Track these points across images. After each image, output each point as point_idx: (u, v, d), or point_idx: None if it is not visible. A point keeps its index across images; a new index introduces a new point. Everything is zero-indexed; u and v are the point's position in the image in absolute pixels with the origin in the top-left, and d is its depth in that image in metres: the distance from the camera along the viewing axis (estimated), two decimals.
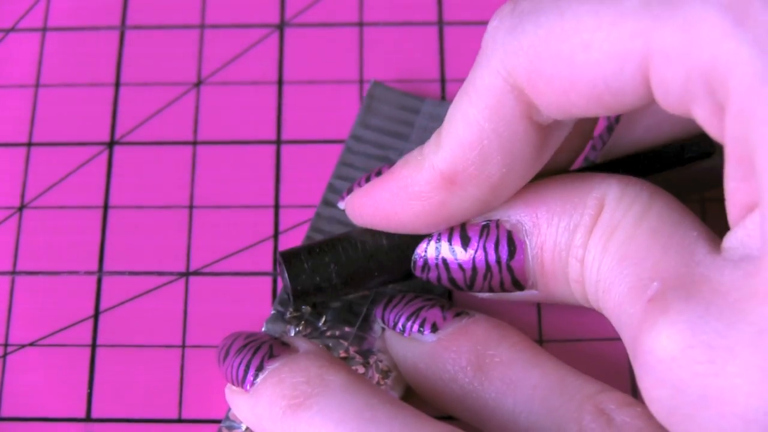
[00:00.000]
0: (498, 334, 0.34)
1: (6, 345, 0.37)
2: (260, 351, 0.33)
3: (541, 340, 0.37)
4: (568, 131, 0.32)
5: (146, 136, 0.41)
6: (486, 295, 0.34)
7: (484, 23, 0.42)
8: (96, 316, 0.38)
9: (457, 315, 0.34)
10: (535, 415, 0.32)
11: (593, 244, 0.32)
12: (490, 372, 0.33)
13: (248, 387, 0.32)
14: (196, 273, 0.38)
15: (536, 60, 0.29)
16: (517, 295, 0.34)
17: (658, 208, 0.31)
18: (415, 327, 0.34)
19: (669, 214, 0.31)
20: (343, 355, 0.35)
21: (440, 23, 0.42)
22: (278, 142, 0.40)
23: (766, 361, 0.26)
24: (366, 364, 0.35)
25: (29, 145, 0.41)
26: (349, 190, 0.35)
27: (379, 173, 0.35)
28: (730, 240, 0.29)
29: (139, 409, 0.36)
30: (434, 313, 0.34)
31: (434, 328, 0.34)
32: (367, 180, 0.35)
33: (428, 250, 0.34)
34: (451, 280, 0.34)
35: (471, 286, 0.34)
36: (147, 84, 0.42)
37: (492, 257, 0.33)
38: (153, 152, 0.40)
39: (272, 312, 0.36)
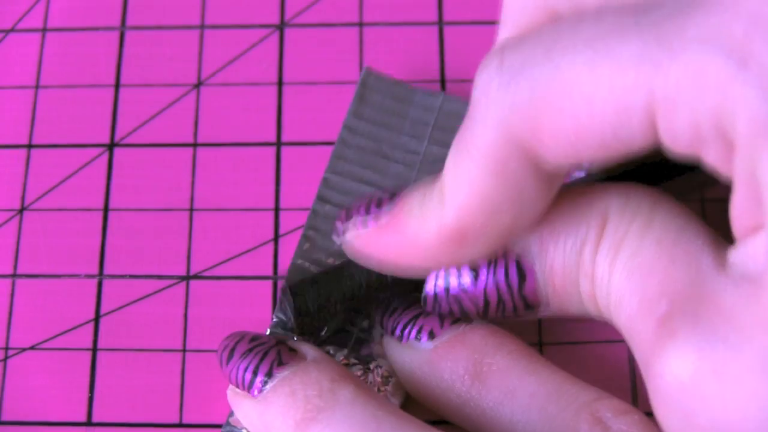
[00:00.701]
0: (495, 341, 0.34)
1: (6, 348, 0.37)
2: (268, 357, 0.33)
3: (540, 343, 0.36)
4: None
5: (146, 138, 0.41)
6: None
7: (484, 23, 0.42)
8: (96, 319, 0.38)
9: (455, 322, 0.34)
10: (533, 425, 0.32)
11: (601, 259, 0.31)
12: (487, 380, 0.33)
13: (256, 393, 0.32)
14: (197, 276, 0.38)
15: (537, 117, 0.28)
16: (532, 315, 0.34)
17: (661, 217, 0.31)
18: (413, 334, 0.34)
19: (672, 221, 0.31)
20: (343, 360, 0.35)
21: (440, 23, 0.42)
22: (278, 143, 0.40)
23: None
24: (366, 370, 0.35)
25: (29, 146, 0.41)
26: (343, 221, 0.34)
27: (379, 203, 0.33)
28: (733, 255, 0.29)
29: (140, 414, 0.36)
30: (432, 320, 0.34)
31: (431, 336, 0.34)
32: (367, 210, 0.33)
33: (437, 287, 0.33)
34: (464, 313, 0.33)
35: (485, 315, 0.33)
36: (147, 85, 0.42)
37: (503, 287, 0.32)
38: (153, 154, 0.40)
39: (274, 319, 0.36)
